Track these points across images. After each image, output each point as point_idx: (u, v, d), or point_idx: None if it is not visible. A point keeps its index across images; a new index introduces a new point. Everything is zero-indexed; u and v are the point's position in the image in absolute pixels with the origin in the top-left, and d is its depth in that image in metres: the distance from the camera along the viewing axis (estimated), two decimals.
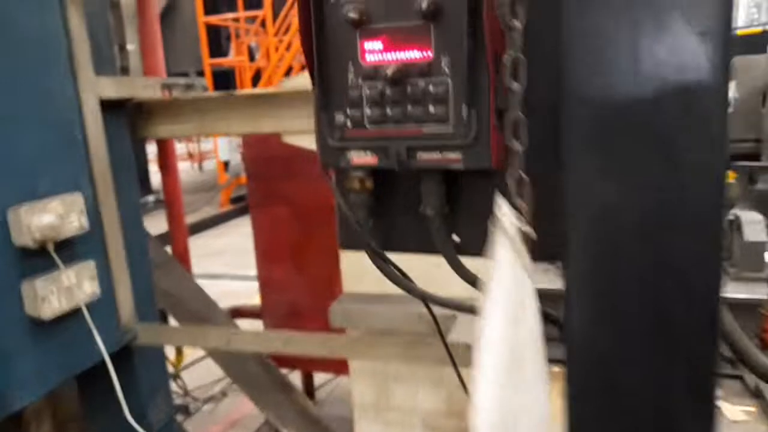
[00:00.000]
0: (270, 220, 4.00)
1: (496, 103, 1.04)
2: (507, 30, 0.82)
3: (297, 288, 4.02)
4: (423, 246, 1.26)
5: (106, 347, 2.04)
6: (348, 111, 1.13)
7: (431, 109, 1.06)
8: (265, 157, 3.94)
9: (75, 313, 1.95)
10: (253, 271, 4.25)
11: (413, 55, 1.05)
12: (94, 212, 2.06)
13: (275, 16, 10.25)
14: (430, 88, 1.05)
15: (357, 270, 2.46)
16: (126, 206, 2.27)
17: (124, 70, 3.07)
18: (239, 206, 11.90)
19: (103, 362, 2.05)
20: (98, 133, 2.08)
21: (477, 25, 0.99)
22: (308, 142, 2.32)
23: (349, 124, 1.13)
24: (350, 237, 1.31)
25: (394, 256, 1.32)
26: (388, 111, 1.09)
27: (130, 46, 3.41)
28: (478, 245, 1.25)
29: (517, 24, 0.79)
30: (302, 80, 2.61)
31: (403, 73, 1.05)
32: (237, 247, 9.21)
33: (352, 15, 1.05)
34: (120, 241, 2.19)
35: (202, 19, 10.34)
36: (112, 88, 2.13)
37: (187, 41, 11.02)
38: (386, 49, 1.07)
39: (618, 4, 0.87)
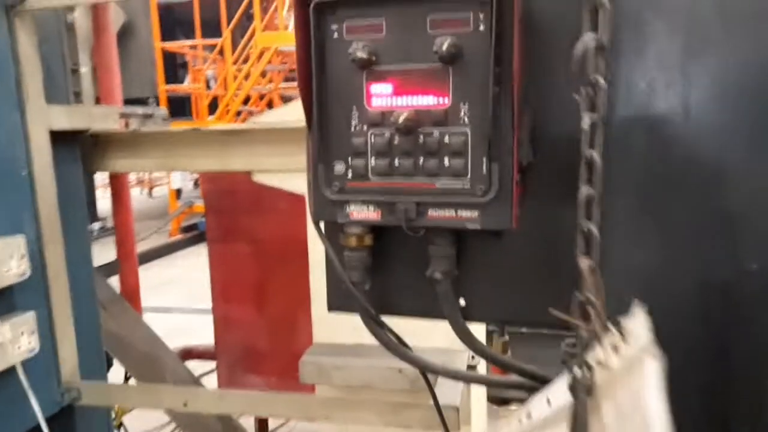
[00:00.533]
0: (229, 256, 3.78)
1: (519, 157, 0.93)
2: (586, 87, 0.69)
3: (256, 329, 3.79)
4: (425, 310, 1.12)
5: (43, 410, 1.79)
6: (349, 160, 0.99)
7: (446, 161, 0.94)
8: (226, 191, 3.74)
9: (9, 373, 1.70)
10: (205, 304, 3.99)
11: (428, 101, 0.93)
12: (37, 256, 1.83)
13: (234, 44, 10.11)
14: (446, 138, 0.93)
15: (329, 317, 2.28)
16: (74, 248, 2.04)
17: (78, 96, 2.83)
18: (190, 235, 11.47)
19: (40, 425, 1.79)
20: (46, 168, 1.86)
21: (503, 70, 0.88)
22: (281, 181, 2.16)
23: (350, 174, 1.00)
24: (341, 298, 1.16)
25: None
26: (396, 162, 0.97)
27: (83, 69, 3.18)
28: (485, 310, 1.13)
29: (602, 81, 0.66)
30: (274, 116, 2.47)
31: (416, 121, 0.93)
32: (188, 279, 8.81)
33: (361, 54, 0.92)
34: (65, 287, 1.95)
35: (159, 45, 10.09)
36: (64, 118, 1.93)
37: (142, 66, 10.70)
38: (396, 93, 0.95)
39: (670, 57, 0.78)
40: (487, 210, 0.93)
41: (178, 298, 8.22)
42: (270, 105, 10.87)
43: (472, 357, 1.96)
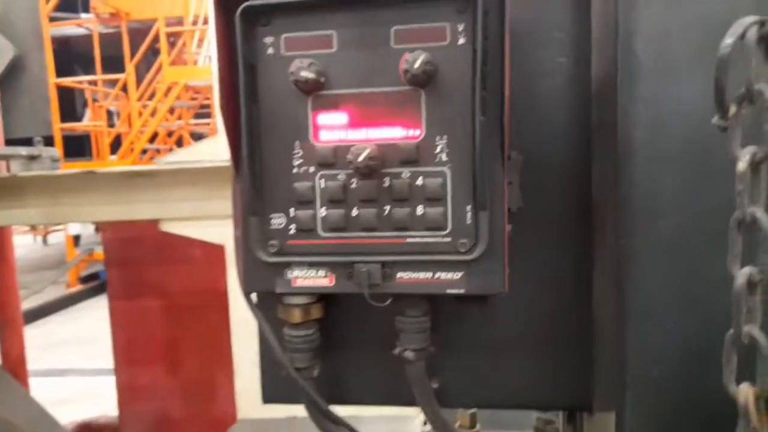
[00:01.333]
0: (134, 313, 3.35)
1: (509, 203, 0.75)
2: (740, 103, 0.45)
3: (167, 394, 3.37)
4: (390, 396, 0.90)
5: None
6: (291, 212, 0.76)
7: (419, 210, 0.74)
8: (129, 239, 3.34)
9: None
10: (108, 364, 3.51)
11: (394, 133, 0.73)
12: None
13: (139, 80, 9.58)
14: (419, 180, 0.73)
15: (256, 387, 1.99)
16: None
17: None
18: (91, 286, 10.53)
19: None
20: None
21: (492, 94, 0.70)
22: (194, 230, 1.88)
23: (292, 229, 0.77)
24: (281, 388, 0.91)
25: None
26: (354, 212, 0.75)
27: None
28: (464, 394, 0.92)
29: None
30: (184, 155, 2.18)
31: (379, 159, 0.72)
32: (88, 335, 7.98)
33: (306, 75, 0.70)
34: None
35: (53, 80, 9.36)
36: None
37: (34, 104, 9.86)
38: (353, 125, 0.73)
39: None
40: (473, 270, 0.73)
41: (78, 358, 7.41)
42: (179, 142, 10.36)
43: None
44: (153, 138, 9.29)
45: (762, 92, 0.43)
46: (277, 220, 0.77)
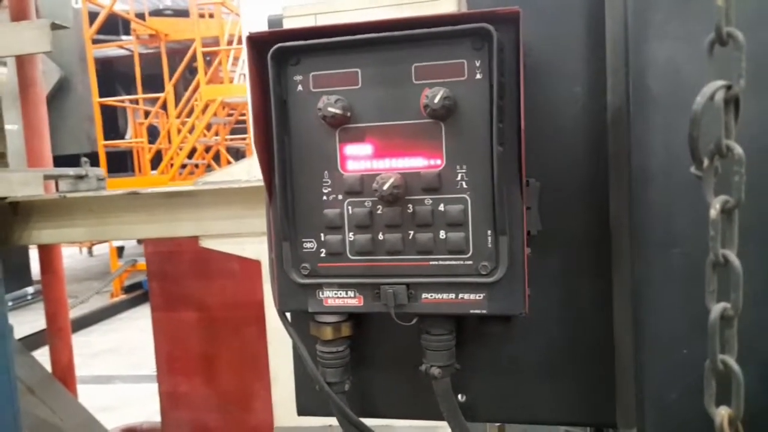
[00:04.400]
0: (175, 325, 3.47)
1: (527, 227, 0.78)
2: (712, 159, 0.47)
3: (206, 403, 3.46)
4: (418, 411, 0.94)
5: None
6: (322, 236, 0.82)
7: (442, 235, 0.78)
8: (170, 253, 3.46)
9: None
10: (149, 371, 3.63)
11: (417, 163, 0.77)
12: None
13: (178, 98, 9.88)
14: (441, 207, 0.77)
15: (292, 397, 2.04)
16: None
17: (2, 157, 2.56)
18: (133, 295, 10.83)
19: None
20: None
21: (507, 126, 0.74)
22: (231, 246, 1.95)
23: (322, 253, 0.82)
24: (314, 401, 0.96)
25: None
26: (381, 237, 0.80)
27: (12, 127, 2.90)
28: (490, 408, 0.95)
29: (738, 150, 0.44)
30: (222, 175, 2.27)
31: (403, 188, 0.77)
32: (131, 344, 8.22)
33: (333, 110, 0.76)
34: None
35: (97, 99, 9.75)
36: None
37: (79, 123, 10.27)
38: (378, 155, 0.78)
39: None
40: (494, 292, 0.76)
41: (121, 366, 7.63)
42: (216, 157, 10.63)
43: None
44: (191, 153, 9.56)
45: (731, 148, 0.46)
46: (309, 245, 0.82)
